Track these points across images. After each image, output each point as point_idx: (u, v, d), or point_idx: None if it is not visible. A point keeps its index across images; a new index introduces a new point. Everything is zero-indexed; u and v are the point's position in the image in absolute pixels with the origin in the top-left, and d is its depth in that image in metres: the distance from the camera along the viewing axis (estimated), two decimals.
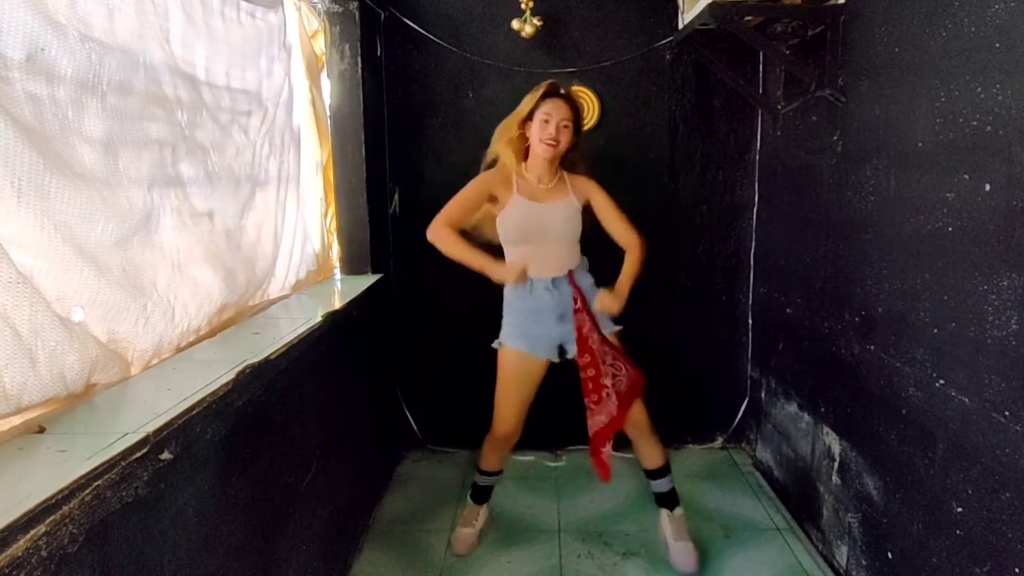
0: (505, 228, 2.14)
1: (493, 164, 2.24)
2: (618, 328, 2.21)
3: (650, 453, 2.29)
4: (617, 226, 2.20)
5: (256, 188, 1.99)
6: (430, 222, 3.11)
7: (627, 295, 2.10)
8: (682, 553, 2.22)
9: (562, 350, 2.16)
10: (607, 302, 2.06)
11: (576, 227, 2.17)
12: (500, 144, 2.18)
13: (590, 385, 2.13)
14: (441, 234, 2.09)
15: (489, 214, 2.18)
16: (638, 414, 2.21)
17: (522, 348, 2.16)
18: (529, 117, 2.10)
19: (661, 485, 2.31)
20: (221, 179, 1.78)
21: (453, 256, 2.10)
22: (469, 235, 2.19)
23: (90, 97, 1.25)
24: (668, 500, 2.32)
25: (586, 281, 2.17)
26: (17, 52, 1.07)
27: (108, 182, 1.28)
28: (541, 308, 2.13)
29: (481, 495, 2.44)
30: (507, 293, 2.21)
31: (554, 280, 2.11)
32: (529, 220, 2.11)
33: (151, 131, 1.46)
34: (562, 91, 2.11)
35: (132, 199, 1.36)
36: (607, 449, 2.17)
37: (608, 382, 2.10)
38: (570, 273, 2.13)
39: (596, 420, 2.16)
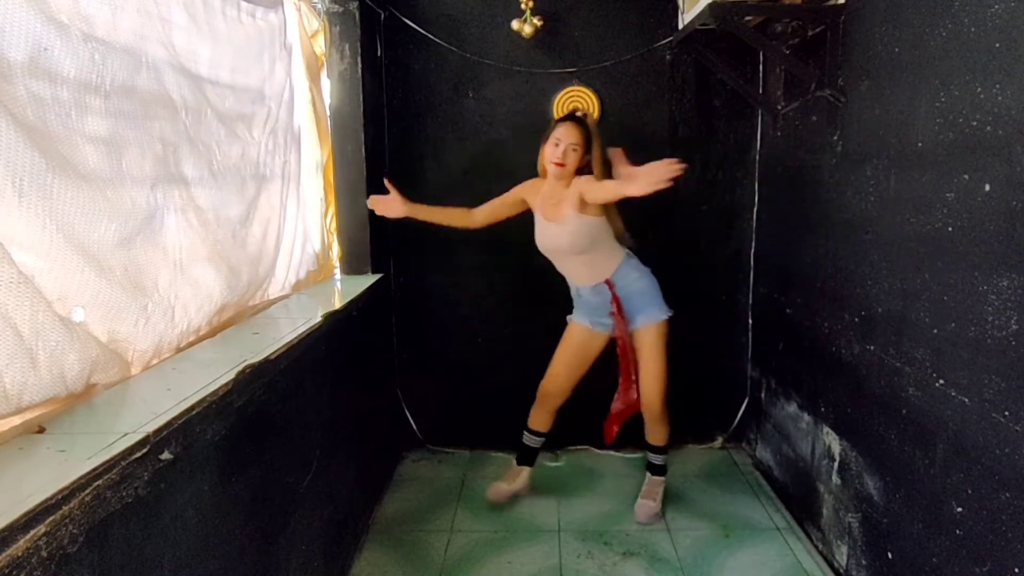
0: (536, 241, 2.44)
1: None
2: (670, 313, 2.41)
3: (652, 432, 2.56)
4: (610, 186, 2.14)
5: (259, 187, 2.00)
6: (430, 222, 3.11)
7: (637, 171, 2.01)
8: (642, 507, 2.54)
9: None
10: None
11: (585, 237, 2.30)
12: (539, 161, 2.42)
13: (621, 370, 2.49)
14: (454, 208, 2.51)
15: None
16: (655, 402, 2.44)
17: (584, 322, 2.48)
18: (546, 140, 2.33)
19: (654, 458, 2.62)
20: (225, 178, 1.78)
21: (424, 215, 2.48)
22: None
23: (93, 97, 1.25)
24: (655, 470, 2.63)
25: (631, 278, 2.38)
26: (20, 52, 1.07)
27: (111, 182, 1.28)
28: (594, 305, 2.43)
29: (524, 456, 2.66)
30: (571, 290, 2.52)
31: (595, 286, 2.37)
32: (541, 239, 2.41)
33: (154, 130, 1.46)
34: (578, 114, 2.34)
35: (135, 199, 1.36)
36: (615, 428, 2.58)
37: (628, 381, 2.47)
38: (607, 282, 2.36)
39: (616, 404, 2.54)
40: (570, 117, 2.33)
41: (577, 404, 3.05)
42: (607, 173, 2.26)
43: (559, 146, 2.27)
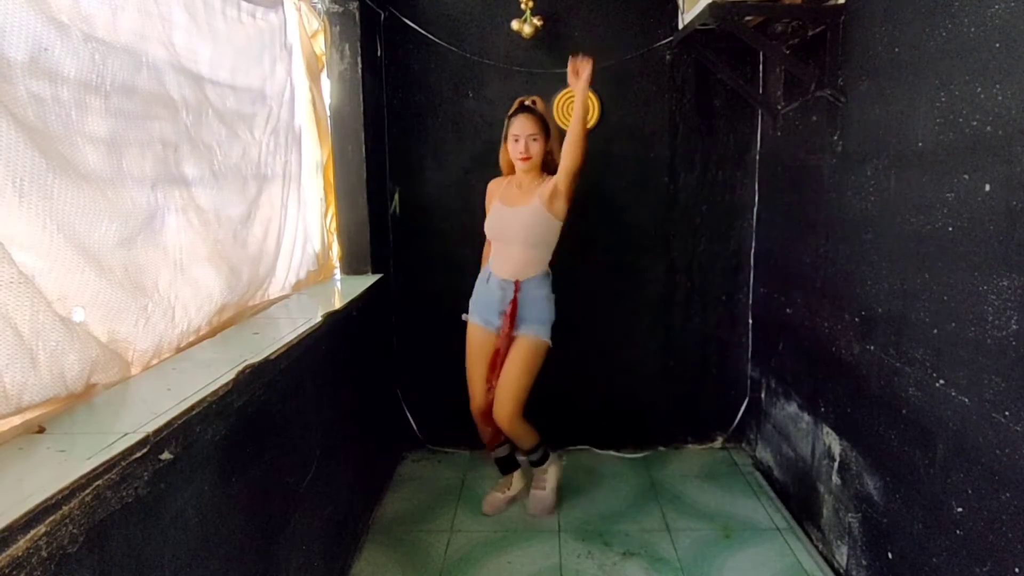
0: (485, 227, 2.49)
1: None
2: (548, 341, 2.40)
3: (514, 442, 2.55)
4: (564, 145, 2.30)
5: (260, 187, 2.00)
6: (431, 222, 3.13)
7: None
8: (532, 498, 2.57)
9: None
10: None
11: (538, 229, 2.34)
12: (501, 160, 2.49)
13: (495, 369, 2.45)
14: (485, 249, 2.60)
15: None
16: (502, 413, 2.39)
17: (477, 321, 2.49)
18: (505, 139, 2.39)
19: (529, 457, 2.56)
20: (227, 178, 1.78)
21: None
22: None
23: (94, 97, 1.25)
24: (535, 463, 2.58)
25: (538, 292, 2.39)
26: (20, 52, 1.07)
27: (112, 182, 1.29)
28: (492, 300, 2.42)
29: (503, 466, 2.65)
30: (479, 278, 2.54)
31: (506, 280, 2.39)
32: (496, 221, 2.42)
33: (155, 130, 1.46)
34: (527, 103, 2.37)
35: (136, 199, 1.36)
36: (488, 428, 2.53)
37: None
38: (516, 283, 2.37)
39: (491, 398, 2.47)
40: (522, 109, 2.35)
41: (577, 404, 3.06)
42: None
43: (519, 141, 2.31)
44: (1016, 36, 1.30)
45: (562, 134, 2.35)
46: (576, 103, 2.25)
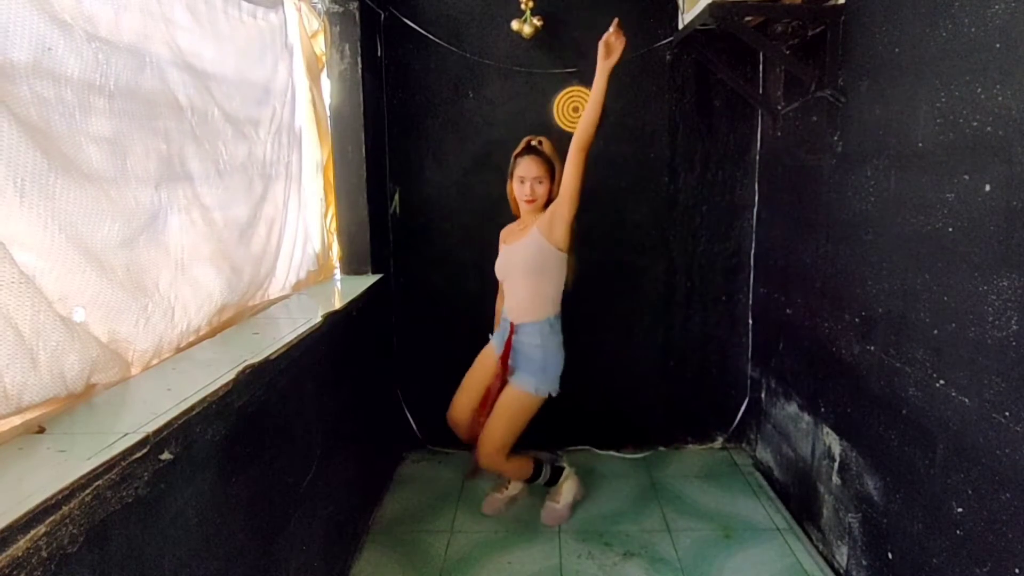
0: (495, 270, 2.48)
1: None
2: (538, 394, 2.32)
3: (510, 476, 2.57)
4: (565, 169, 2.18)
5: (265, 187, 2.00)
6: (431, 222, 3.13)
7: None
8: (545, 510, 2.56)
9: None
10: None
11: (537, 259, 2.27)
12: (509, 198, 2.44)
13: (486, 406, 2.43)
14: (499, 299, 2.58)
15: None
16: (483, 451, 2.37)
17: (493, 342, 2.51)
18: (511, 177, 2.36)
19: (536, 481, 2.55)
20: (232, 178, 1.78)
21: None
22: None
23: (97, 97, 1.25)
24: (547, 484, 2.58)
25: (532, 339, 2.32)
26: (24, 53, 1.07)
27: (115, 182, 1.29)
28: (500, 333, 2.46)
29: None
30: None
31: (506, 320, 2.39)
32: (501, 260, 2.44)
33: (159, 130, 1.46)
34: (534, 144, 2.32)
35: (139, 198, 1.36)
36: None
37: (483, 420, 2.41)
38: (512, 325, 2.35)
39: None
40: (528, 150, 2.31)
41: (577, 404, 3.06)
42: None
43: (524, 183, 2.28)
44: (1016, 36, 1.30)
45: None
46: (597, 82, 2.13)
